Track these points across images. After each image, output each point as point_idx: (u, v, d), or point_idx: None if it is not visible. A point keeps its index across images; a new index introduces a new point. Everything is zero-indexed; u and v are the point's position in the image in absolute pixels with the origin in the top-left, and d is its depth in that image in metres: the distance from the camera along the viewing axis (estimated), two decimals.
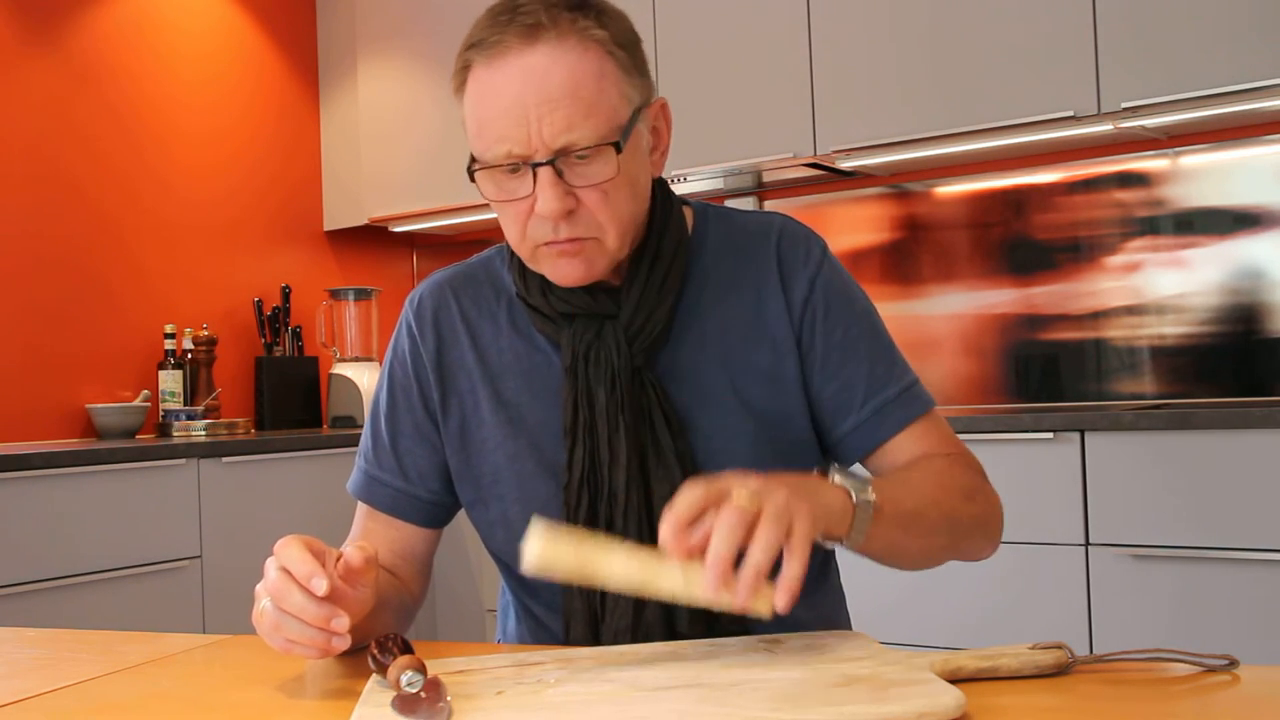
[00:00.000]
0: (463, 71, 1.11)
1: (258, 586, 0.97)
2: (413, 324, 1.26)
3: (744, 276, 1.21)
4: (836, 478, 1.00)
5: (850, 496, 0.98)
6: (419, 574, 1.28)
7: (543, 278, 1.16)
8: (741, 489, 0.89)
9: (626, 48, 1.10)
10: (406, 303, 1.29)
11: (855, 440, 1.20)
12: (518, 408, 1.20)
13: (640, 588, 0.88)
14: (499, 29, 1.07)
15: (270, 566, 0.95)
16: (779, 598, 0.86)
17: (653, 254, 1.17)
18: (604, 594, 1.14)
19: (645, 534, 1.13)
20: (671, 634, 1.11)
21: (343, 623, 0.92)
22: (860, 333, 1.21)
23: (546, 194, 1.06)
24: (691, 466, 1.15)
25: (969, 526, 1.16)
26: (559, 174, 1.06)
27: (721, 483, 0.90)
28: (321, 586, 0.91)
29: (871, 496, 0.99)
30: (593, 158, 1.06)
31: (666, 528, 0.87)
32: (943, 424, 1.24)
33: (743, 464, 1.15)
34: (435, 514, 1.27)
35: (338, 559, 0.97)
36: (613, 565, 0.88)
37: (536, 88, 1.05)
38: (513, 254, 1.20)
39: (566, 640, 1.17)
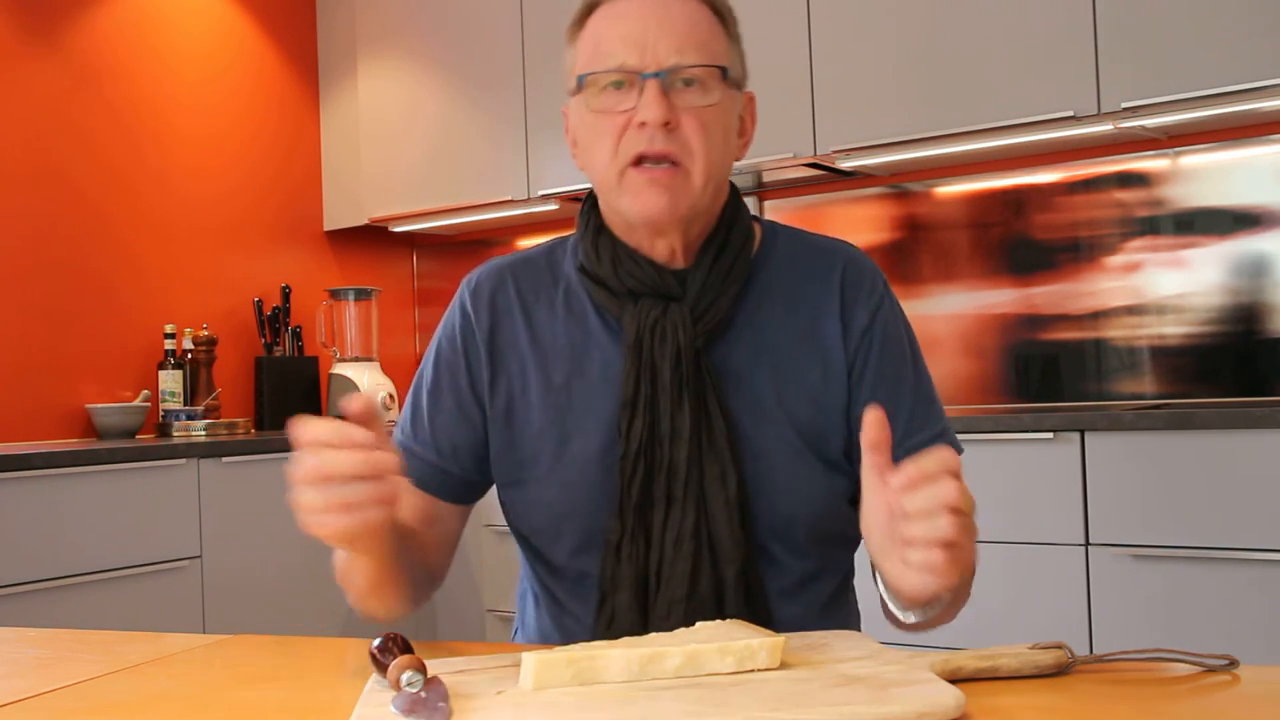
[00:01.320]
0: (588, 11, 1.20)
1: (296, 490, 0.96)
2: (468, 302, 1.28)
3: (805, 293, 1.24)
4: None
5: None
6: (444, 545, 1.28)
7: (614, 251, 1.20)
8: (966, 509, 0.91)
9: (734, 30, 1.22)
10: (463, 283, 1.31)
11: None
12: (567, 392, 1.22)
13: (642, 676, 0.88)
14: None
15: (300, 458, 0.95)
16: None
17: (721, 241, 1.21)
18: (661, 565, 1.15)
19: (701, 511, 1.15)
20: (720, 614, 1.13)
21: (388, 461, 0.92)
22: (908, 372, 1.25)
23: (651, 100, 1.13)
24: (739, 457, 1.17)
25: (961, 603, 1.18)
26: (664, 91, 1.14)
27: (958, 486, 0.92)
28: (362, 435, 0.92)
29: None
30: (698, 86, 1.15)
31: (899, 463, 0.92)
32: None
33: (783, 473, 1.19)
34: (464, 491, 1.28)
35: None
36: (611, 665, 0.87)
37: (660, 16, 1.15)
38: (585, 226, 1.24)
39: (599, 613, 1.17)
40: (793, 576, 1.21)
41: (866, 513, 0.98)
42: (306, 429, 0.94)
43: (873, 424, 0.95)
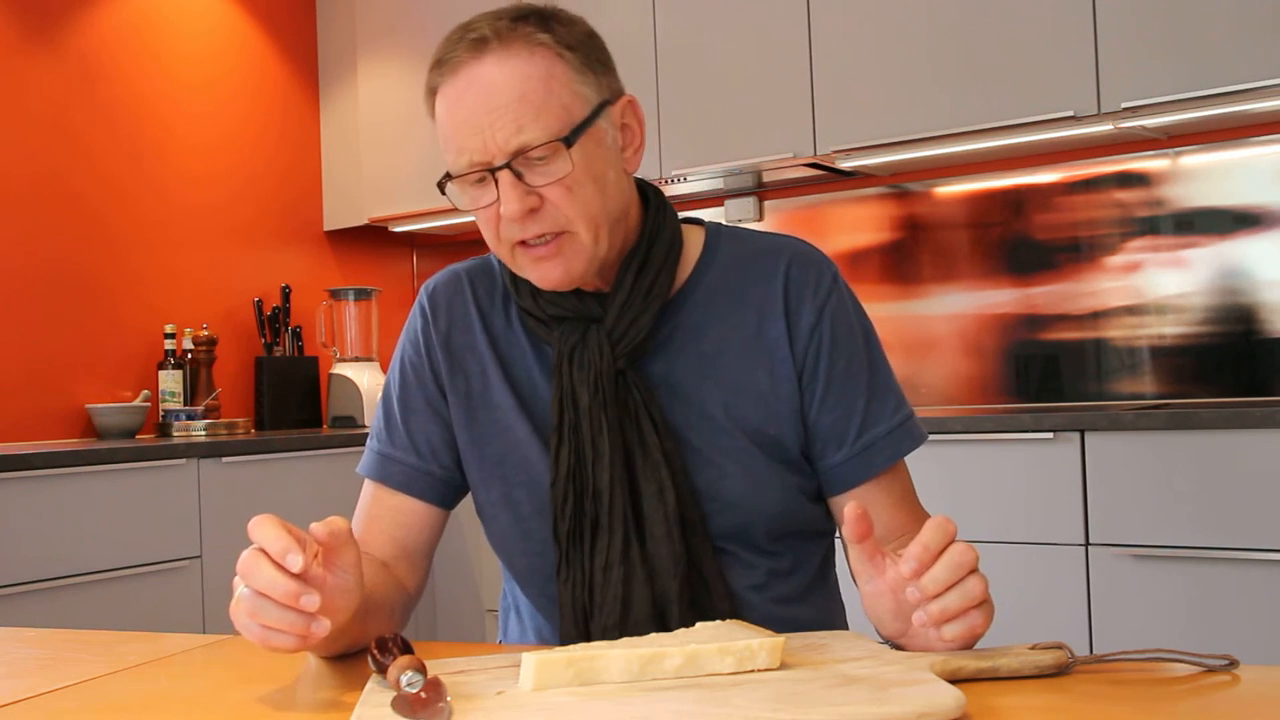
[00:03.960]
0: (430, 95, 1.17)
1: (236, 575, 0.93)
2: (425, 306, 1.29)
3: (748, 295, 1.22)
4: None
5: None
6: (420, 562, 1.27)
7: (532, 284, 1.19)
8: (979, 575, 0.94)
9: (576, 49, 1.14)
10: (422, 289, 1.32)
11: (842, 473, 1.21)
12: (528, 393, 1.23)
13: (642, 676, 0.88)
14: (452, 47, 1.13)
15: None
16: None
17: (641, 260, 1.19)
18: (592, 591, 1.15)
19: (631, 532, 1.15)
20: (662, 628, 1.13)
21: (313, 601, 0.88)
22: (862, 366, 1.22)
23: (507, 196, 1.10)
24: (680, 466, 1.17)
25: None
26: (518, 176, 1.10)
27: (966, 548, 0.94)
28: (296, 562, 0.88)
29: None
30: (550, 157, 1.10)
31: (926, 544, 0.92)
32: (906, 471, 1.28)
33: (735, 480, 1.18)
34: (445, 492, 1.27)
35: (316, 554, 0.94)
36: (611, 666, 0.87)
37: (486, 96, 1.10)
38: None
39: (560, 638, 1.17)
40: (759, 572, 1.20)
41: (870, 600, 0.99)
42: (256, 528, 0.91)
43: (853, 520, 0.95)
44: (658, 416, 1.17)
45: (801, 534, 1.24)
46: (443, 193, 1.17)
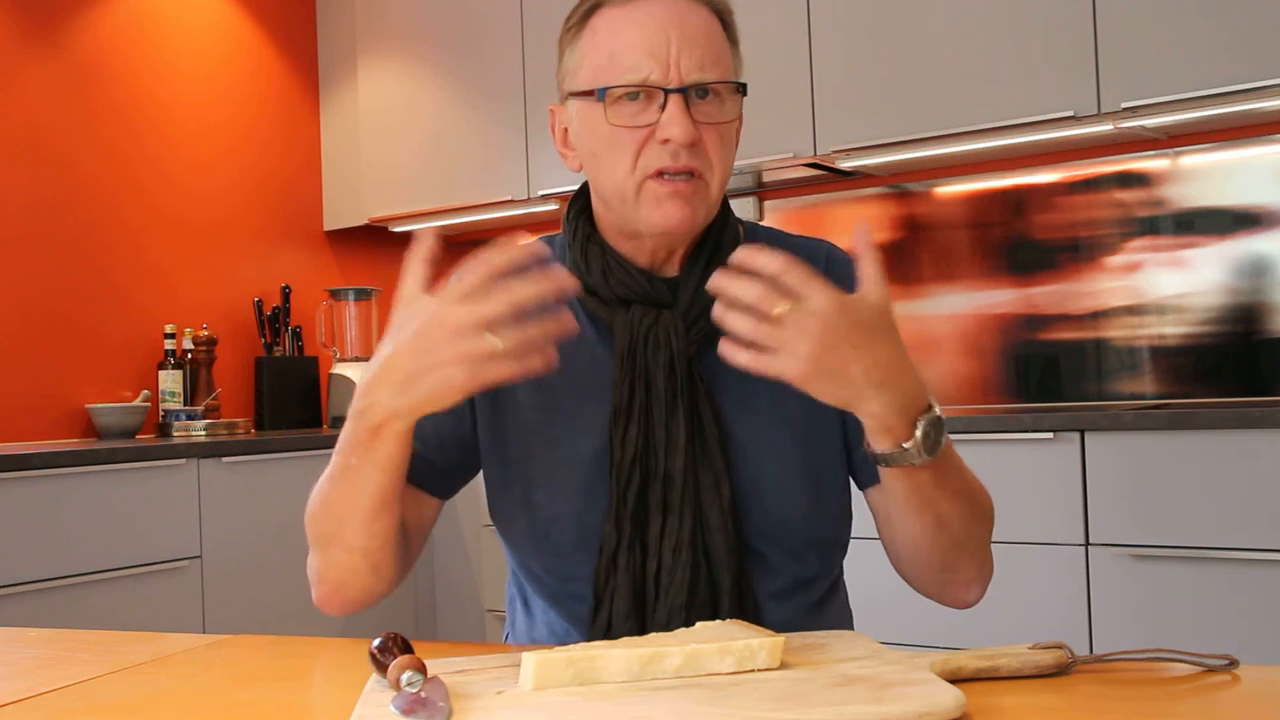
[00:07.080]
0: (587, 13, 1.18)
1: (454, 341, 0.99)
2: None
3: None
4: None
5: (932, 406, 1.03)
6: (414, 541, 1.26)
7: (604, 260, 1.20)
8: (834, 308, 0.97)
9: (735, 36, 1.21)
10: (452, 279, 1.33)
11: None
12: (556, 395, 1.21)
13: (642, 676, 0.88)
14: None
15: (446, 315, 1.00)
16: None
17: (713, 246, 1.21)
18: (659, 574, 1.15)
19: (698, 519, 1.15)
20: (715, 618, 1.13)
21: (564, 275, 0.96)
22: None
23: (679, 119, 1.12)
24: (731, 463, 1.17)
25: (975, 546, 1.18)
26: (687, 106, 1.13)
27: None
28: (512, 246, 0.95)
29: (942, 413, 1.03)
30: (716, 100, 1.15)
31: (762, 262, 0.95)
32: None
33: (774, 473, 1.18)
34: (442, 482, 1.26)
35: None
36: (611, 665, 0.87)
37: (680, 25, 1.14)
38: (574, 235, 1.23)
39: (594, 621, 1.16)
40: (785, 580, 1.21)
41: None
42: (459, 280, 0.98)
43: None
44: (716, 408, 1.18)
45: (829, 543, 1.25)
46: (598, 100, 1.15)
